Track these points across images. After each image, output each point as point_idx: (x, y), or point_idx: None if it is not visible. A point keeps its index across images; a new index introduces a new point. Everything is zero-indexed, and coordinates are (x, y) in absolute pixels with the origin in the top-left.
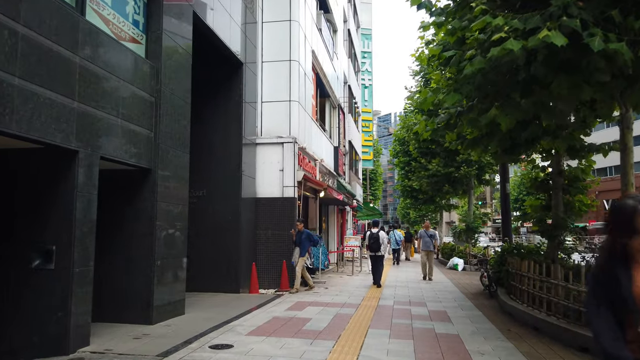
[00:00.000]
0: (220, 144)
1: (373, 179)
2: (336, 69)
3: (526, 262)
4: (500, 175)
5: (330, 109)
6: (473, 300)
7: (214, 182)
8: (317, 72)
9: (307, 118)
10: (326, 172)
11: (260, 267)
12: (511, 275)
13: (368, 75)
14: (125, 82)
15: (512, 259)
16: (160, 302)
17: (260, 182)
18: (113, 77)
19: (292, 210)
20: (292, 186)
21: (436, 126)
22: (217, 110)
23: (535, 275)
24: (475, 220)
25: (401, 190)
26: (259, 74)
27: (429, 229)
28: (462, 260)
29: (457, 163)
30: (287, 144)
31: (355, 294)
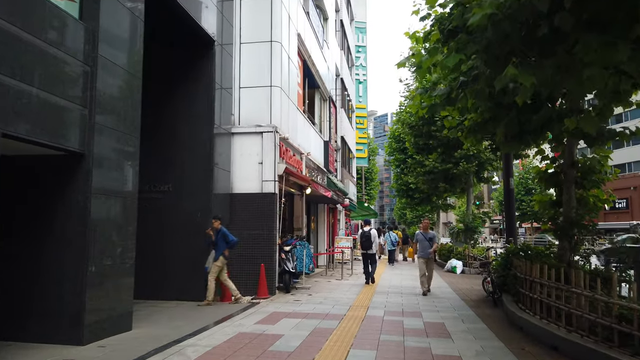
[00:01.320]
0: (189, 133)
1: (369, 179)
2: (327, 59)
3: (538, 266)
4: (504, 169)
5: (320, 102)
6: (475, 309)
7: (182, 175)
8: (305, 58)
9: (291, 107)
10: (314, 167)
11: (235, 272)
12: (519, 281)
13: (362, 70)
14: (47, 44)
15: (519, 262)
16: (95, 317)
17: (237, 176)
18: (25, 36)
19: (272, 207)
20: (272, 181)
21: (434, 102)
22: (186, 94)
23: (551, 282)
24: (474, 219)
25: (396, 189)
26: (236, 56)
27: (428, 230)
28: (460, 262)
29: (455, 159)
30: (266, 134)
31: (342, 301)
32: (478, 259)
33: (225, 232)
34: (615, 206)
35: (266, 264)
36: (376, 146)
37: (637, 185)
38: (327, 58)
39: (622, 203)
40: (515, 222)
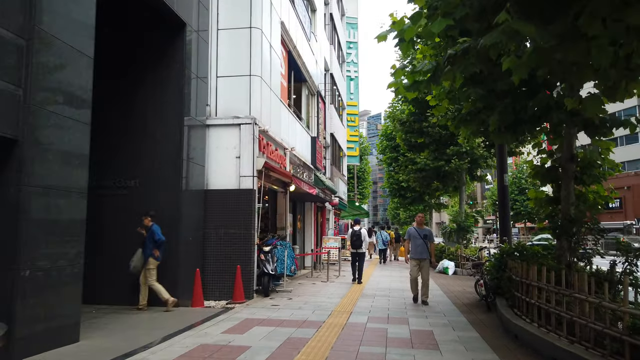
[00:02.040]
0: (158, 124)
1: (361, 178)
2: (315, 53)
3: (535, 267)
4: (497, 164)
5: (308, 97)
6: (467, 315)
7: (151, 170)
8: (289, 49)
9: (274, 99)
10: (300, 163)
11: (209, 274)
12: (514, 284)
13: (354, 67)
14: None
15: (514, 263)
16: (28, 328)
17: (213, 171)
18: None
19: (250, 204)
20: (250, 176)
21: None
22: (156, 83)
23: (550, 286)
24: (467, 219)
25: (388, 188)
26: (213, 43)
27: (422, 225)
28: (453, 263)
29: (447, 156)
30: (244, 126)
31: (324, 306)
32: (470, 260)
33: (154, 230)
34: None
35: (243, 266)
36: (369, 145)
37: (631, 184)
38: (315, 51)
39: (615, 203)
40: (510, 221)
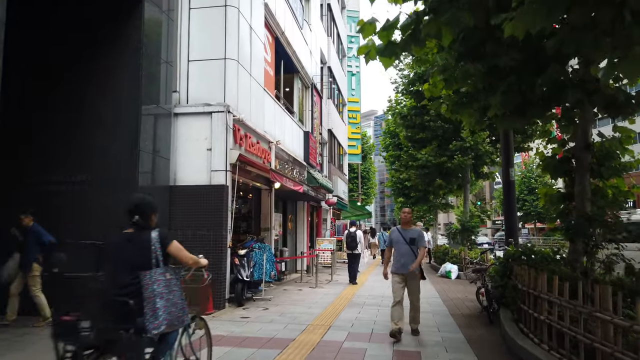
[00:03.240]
0: (111, 113)
1: (365, 178)
2: (309, 42)
3: (544, 276)
4: (502, 157)
5: (302, 89)
6: (465, 329)
7: (103, 163)
8: (277, 35)
9: (255, 86)
10: (289, 159)
11: None
12: (520, 294)
13: (355, 62)
14: None
15: (520, 269)
16: None
17: (182, 164)
18: None
19: (221, 202)
20: (222, 170)
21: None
22: (108, 67)
23: (564, 300)
24: (472, 218)
25: (392, 188)
26: (184, 24)
27: (410, 225)
28: (456, 266)
29: (450, 152)
30: (217, 114)
31: (301, 318)
32: (475, 264)
33: (38, 230)
34: None
35: (213, 272)
36: (374, 144)
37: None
38: (309, 41)
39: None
40: (517, 221)
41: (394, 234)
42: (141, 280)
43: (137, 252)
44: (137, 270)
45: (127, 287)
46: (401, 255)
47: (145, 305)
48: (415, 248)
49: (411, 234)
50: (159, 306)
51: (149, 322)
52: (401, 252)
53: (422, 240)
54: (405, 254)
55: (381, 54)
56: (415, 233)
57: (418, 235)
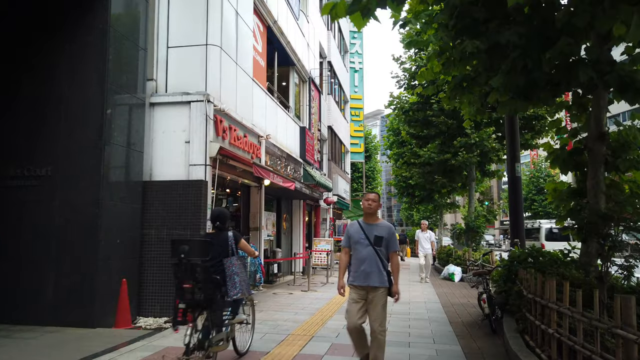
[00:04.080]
0: (74, 102)
1: (370, 177)
2: (305, 34)
3: (553, 282)
4: (508, 151)
5: (299, 83)
6: (464, 340)
7: (65, 156)
8: (269, 24)
9: (242, 76)
10: (282, 155)
11: (148, 285)
12: (525, 302)
13: (358, 58)
14: None
15: (527, 273)
16: None
17: (158, 158)
18: None
19: (199, 198)
20: (202, 164)
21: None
22: (72, 53)
23: (576, 311)
24: (477, 218)
25: (396, 186)
26: (162, 6)
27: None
28: (459, 268)
29: (454, 148)
30: (196, 104)
31: (284, 326)
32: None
33: None
34: None
35: None
36: (378, 143)
37: None
38: (305, 33)
39: None
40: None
41: (352, 228)
42: (224, 264)
43: (220, 245)
44: (221, 257)
45: (217, 268)
46: (361, 260)
47: (227, 279)
48: (384, 252)
49: (378, 230)
50: (236, 280)
51: (230, 290)
52: (362, 255)
53: (394, 242)
54: (368, 259)
55: (350, 10)
56: (384, 229)
57: (388, 233)
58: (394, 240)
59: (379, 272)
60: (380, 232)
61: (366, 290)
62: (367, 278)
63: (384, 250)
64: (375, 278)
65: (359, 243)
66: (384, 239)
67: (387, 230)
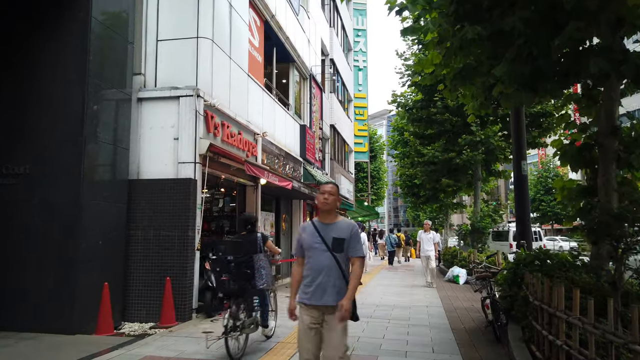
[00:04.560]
0: (54, 96)
1: (376, 177)
2: (306, 30)
3: (562, 288)
4: (514, 149)
5: (300, 81)
6: (466, 349)
7: (44, 153)
8: (266, 18)
9: (236, 71)
10: (280, 153)
11: (134, 288)
12: (532, 310)
13: (362, 56)
14: None
15: (533, 278)
16: None
17: (146, 155)
18: None
19: (188, 198)
20: (191, 162)
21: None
22: (52, 45)
23: (588, 322)
24: (483, 219)
25: (401, 186)
26: None
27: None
28: (464, 270)
29: (458, 147)
30: (184, 99)
31: (274, 333)
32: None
33: None
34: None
35: (176, 278)
36: (383, 143)
37: None
38: (306, 29)
39: None
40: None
41: (305, 231)
42: (253, 259)
43: (250, 245)
44: (251, 254)
45: (247, 263)
46: (316, 271)
47: (256, 272)
48: (344, 258)
49: (337, 231)
50: (263, 273)
51: (257, 281)
52: (317, 265)
53: (356, 244)
54: (325, 270)
55: None
56: (345, 229)
57: (350, 234)
58: (357, 243)
59: (339, 286)
60: (340, 233)
61: (322, 311)
62: (323, 295)
63: (345, 256)
64: (334, 294)
65: (313, 249)
66: (345, 241)
67: (349, 231)
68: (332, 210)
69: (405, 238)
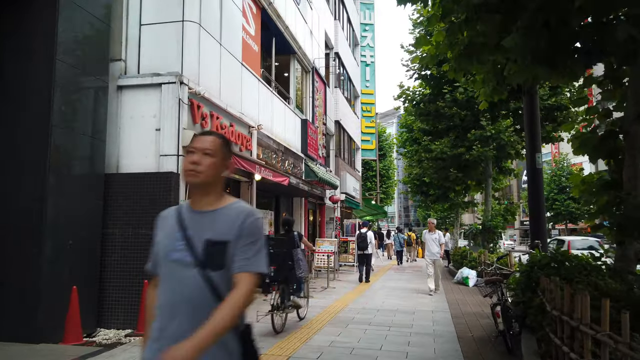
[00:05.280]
0: (19, 81)
1: (385, 176)
2: (308, 21)
3: (587, 298)
4: (527, 142)
5: (301, 73)
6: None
7: (7, 144)
8: (263, 5)
9: (228, 58)
10: (278, 148)
11: (111, 292)
12: (549, 318)
13: (370, 51)
14: None
15: (550, 283)
16: None
17: (125, 148)
18: None
19: (170, 192)
20: (173, 155)
21: None
22: (18, 18)
23: (624, 343)
24: (494, 217)
25: (409, 185)
26: None
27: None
28: (474, 272)
29: (468, 142)
30: (167, 86)
31: (259, 342)
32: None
33: None
34: None
35: None
36: (392, 141)
37: None
38: (308, 20)
39: None
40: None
41: (162, 224)
42: (293, 253)
43: (290, 241)
44: (290, 248)
45: (288, 257)
46: (169, 306)
47: (295, 264)
48: (220, 279)
49: (216, 227)
50: (300, 265)
51: (296, 271)
52: (172, 294)
53: (248, 251)
54: (183, 306)
55: None
56: (232, 224)
57: (238, 231)
58: (252, 246)
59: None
60: (221, 230)
61: None
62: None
63: (222, 276)
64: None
65: (168, 261)
66: (228, 246)
67: (238, 224)
68: (212, 185)
69: (416, 237)
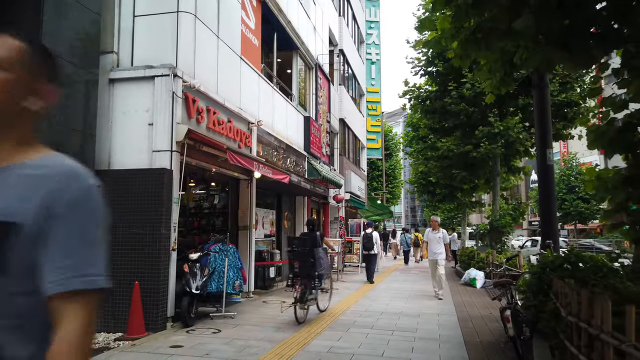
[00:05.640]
0: None
1: (391, 176)
2: (311, 17)
3: (608, 302)
4: (537, 137)
5: (305, 70)
6: None
7: None
8: None
9: (225, 52)
10: (280, 146)
11: None
12: (563, 324)
13: (376, 49)
14: None
15: (564, 286)
16: None
17: (117, 143)
18: None
19: (162, 190)
20: (167, 150)
21: None
22: (4, 10)
23: None
24: (503, 217)
25: (416, 184)
26: None
27: None
28: (482, 273)
29: (475, 139)
30: (160, 79)
31: (254, 348)
32: (493, 274)
33: None
34: None
35: (147, 282)
36: (399, 140)
37: None
38: (311, 15)
39: None
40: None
41: None
42: (314, 252)
43: (312, 240)
44: (312, 247)
45: (310, 255)
46: None
47: (316, 261)
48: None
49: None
50: (322, 263)
51: (318, 268)
52: None
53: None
54: None
55: None
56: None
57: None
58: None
59: None
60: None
61: None
62: None
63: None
64: None
65: None
66: (16, 232)
67: (46, 195)
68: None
69: (422, 238)
